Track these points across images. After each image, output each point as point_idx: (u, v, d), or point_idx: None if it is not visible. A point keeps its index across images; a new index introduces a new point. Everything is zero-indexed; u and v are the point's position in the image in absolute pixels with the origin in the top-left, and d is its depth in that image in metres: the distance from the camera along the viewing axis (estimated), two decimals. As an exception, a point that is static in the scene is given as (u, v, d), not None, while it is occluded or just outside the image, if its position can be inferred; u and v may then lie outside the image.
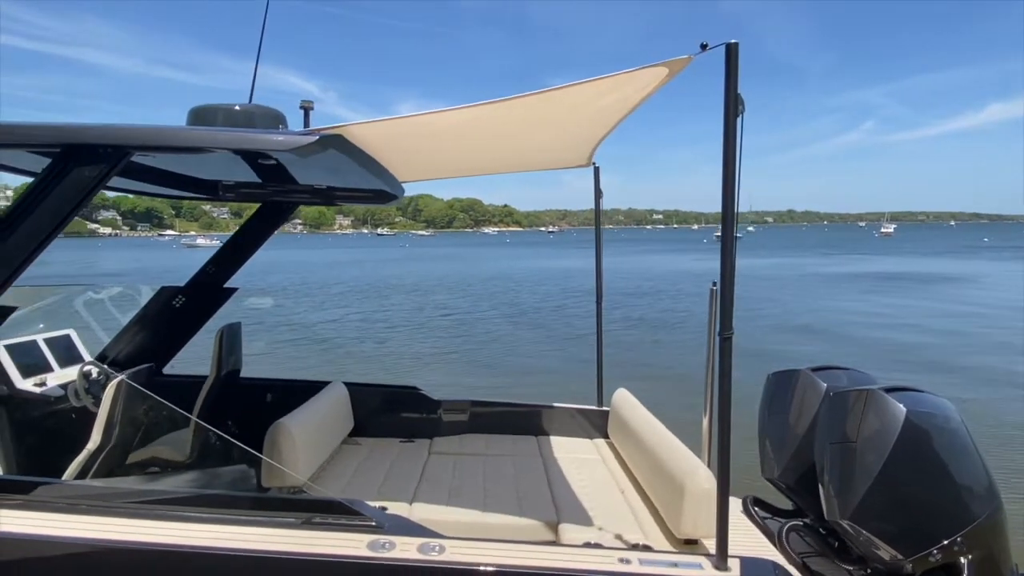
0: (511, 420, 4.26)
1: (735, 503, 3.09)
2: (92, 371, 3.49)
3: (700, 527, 2.56)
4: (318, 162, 2.65)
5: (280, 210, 4.06)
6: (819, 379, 2.76)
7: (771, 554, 2.55)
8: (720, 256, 1.92)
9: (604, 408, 4.19)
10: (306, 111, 2.67)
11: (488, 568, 1.88)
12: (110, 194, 3.56)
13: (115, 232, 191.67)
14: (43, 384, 3.57)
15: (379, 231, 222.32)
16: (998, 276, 29.31)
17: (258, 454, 2.95)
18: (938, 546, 2.15)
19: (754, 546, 2.66)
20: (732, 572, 1.94)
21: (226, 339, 3.72)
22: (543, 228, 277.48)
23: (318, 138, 2.17)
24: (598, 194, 4.03)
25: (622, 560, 1.94)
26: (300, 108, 2.69)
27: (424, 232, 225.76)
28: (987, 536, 2.20)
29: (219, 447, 3.34)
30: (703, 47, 1.80)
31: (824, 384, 2.70)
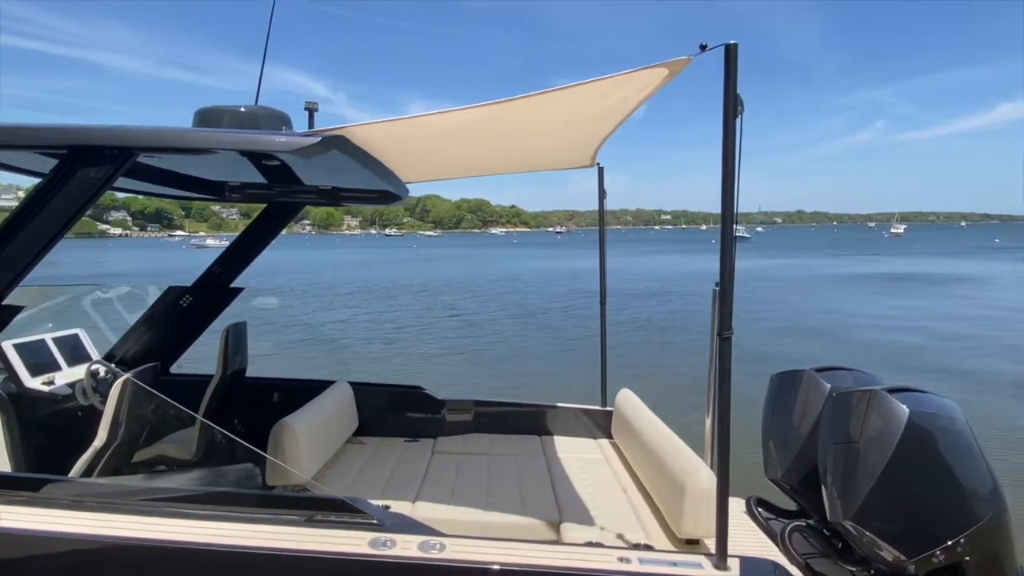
0: (515, 420, 4.27)
1: (739, 504, 3.09)
2: (99, 370, 3.52)
3: (701, 527, 2.56)
4: (322, 163, 2.67)
5: (286, 211, 4.09)
6: (823, 380, 2.76)
7: (772, 554, 2.54)
8: (720, 256, 1.92)
9: (608, 408, 4.19)
10: (311, 112, 2.69)
11: (488, 566, 1.89)
12: (120, 195, 3.57)
13: (125, 233, 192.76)
14: (51, 383, 3.60)
15: (387, 232, 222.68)
16: (1009, 277, 29.08)
17: (262, 453, 2.97)
18: (941, 547, 2.14)
19: (757, 546, 2.66)
20: (732, 571, 1.94)
21: (232, 338, 3.74)
22: (551, 229, 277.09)
23: (320, 139, 2.19)
24: (602, 194, 4.03)
25: (622, 559, 1.95)
26: (305, 109, 2.72)
27: (432, 233, 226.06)
28: (991, 537, 2.19)
29: (224, 446, 3.37)
30: (702, 48, 1.80)
31: (828, 385, 2.70)
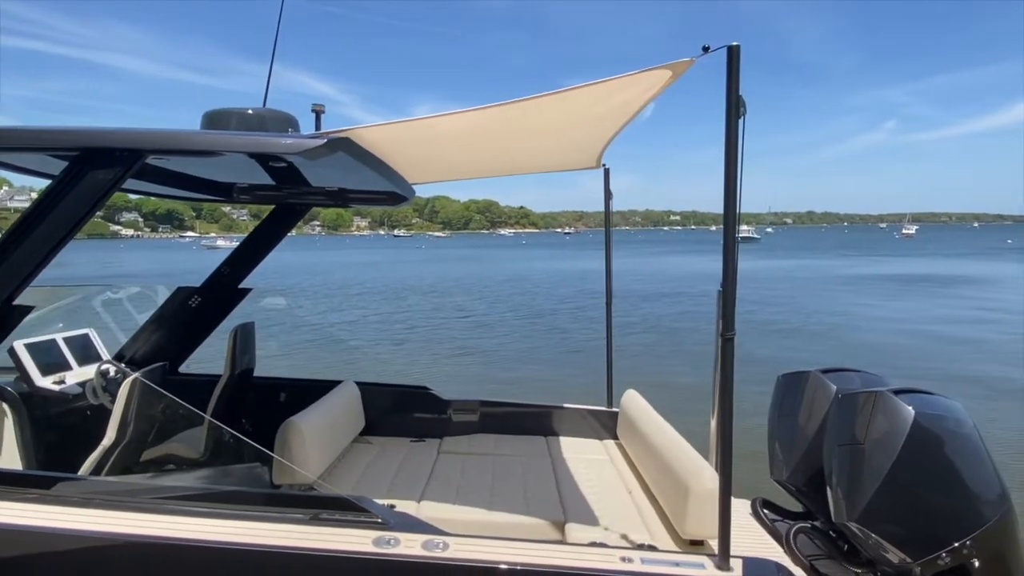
0: (521, 420, 4.27)
1: (744, 505, 3.09)
2: (109, 369, 3.56)
3: (705, 527, 2.56)
4: (328, 165, 2.69)
5: (293, 212, 4.12)
6: (829, 381, 2.75)
7: (777, 555, 2.54)
8: (723, 257, 1.93)
9: (614, 409, 4.19)
10: (318, 115, 2.71)
11: (491, 565, 1.90)
12: (132, 196, 3.61)
13: (137, 234, 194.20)
14: (62, 382, 3.64)
15: (396, 232, 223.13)
16: (1021, 279, 28.76)
17: (269, 452, 2.99)
18: (947, 549, 2.13)
19: (761, 548, 2.65)
20: (734, 572, 1.94)
21: (240, 339, 3.77)
22: (559, 230, 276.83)
23: (326, 141, 2.21)
24: (608, 195, 4.04)
25: (624, 559, 1.95)
26: (312, 111, 2.74)
27: (440, 233, 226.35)
28: (997, 539, 2.17)
29: (232, 445, 3.40)
30: (705, 49, 1.81)
31: (834, 386, 2.69)
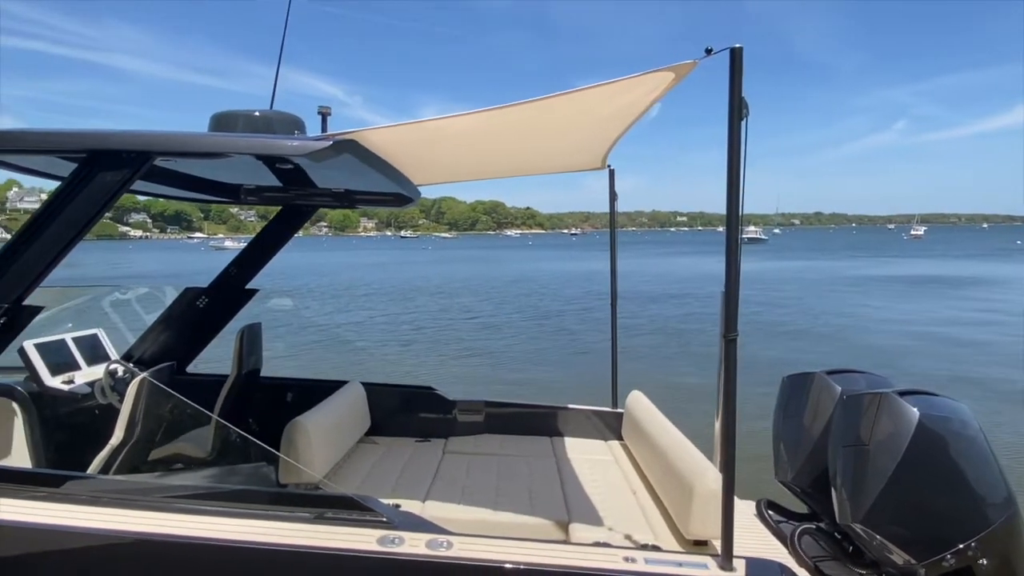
0: (526, 421, 4.28)
1: (750, 506, 3.08)
2: (118, 369, 3.59)
3: (709, 528, 2.56)
4: (334, 166, 2.71)
5: (300, 213, 4.14)
6: (834, 382, 2.75)
7: (781, 556, 2.54)
8: (725, 258, 1.93)
9: (619, 410, 4.20)
10: (324, 116, 2.73)
11: (495, 564, 1.91)
12: (140, 197, 3.67)
13: (145, 235, 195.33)
14: (71, 382, 3.67)
15: (402, 233, 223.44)
16: (1030, 280, 28.60)
17: (275, 451, 3.01)
18: (952, 551, 2.12)
19: (766, 549, 2.65)
20: (737, 572, 1.94)
21: (247, 339, 3.80)
22: (566, 230, 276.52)
23: (332, 143, 2.23)
24: (613, 196, 4.04)
25: (627, 559, 1.96)
26: (318, 113, 2.76)
27: (447, 234, 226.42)
28: (1002, 541, 2.17)
29: (238, 444, 3.42)
30: (708, 52, 1.81)
31: (839, 387, 2.68)
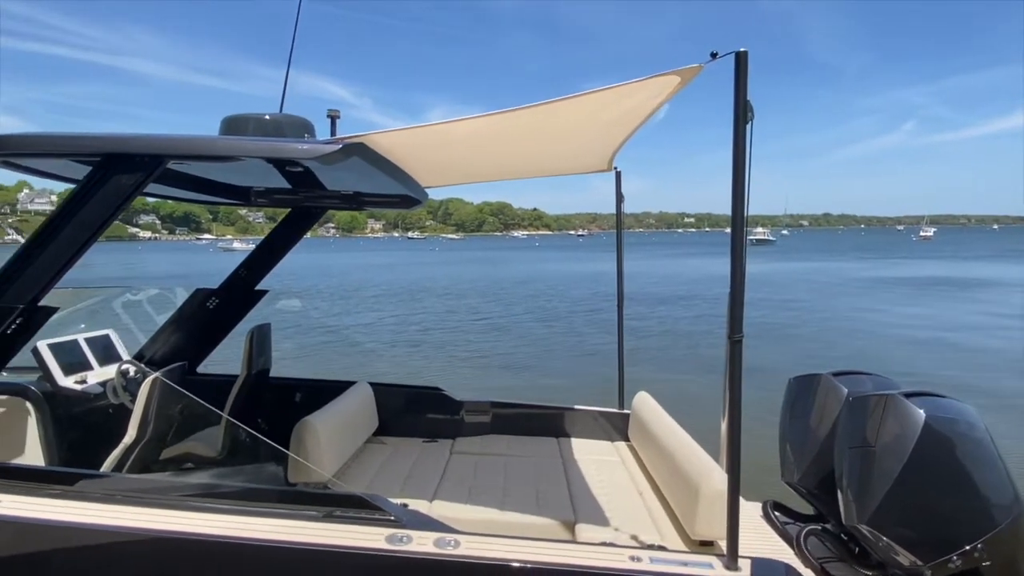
0: (533, 422, 4.30)
1: (756, 508, 3.09)
2: (129, 369, 3.64)
3: (715, 528, 2.57)
4: (343, 169, 2.74)
5: (309, 215, 4.18)
6: (840, 384, 2.75)
7: (786, 557, 2.54)
8: (730, 260, 1.95)
9: (625, 411, 4.21)
10: (333, 120, 2.76)
11: (501, 563, 1.93)
12: (150, 199, 3.70)
13: (155, 236, 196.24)
14: (83, 382, 3.72)
15: (409, 235, 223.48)
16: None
17: (285, 450, 3.04)
18: (958, 552, 2.13)
19: (772, 550, 2.65)
20: (743, 572, 1.95)
21: (256, 340, 3.84)
22: (572, 232, 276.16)
23: (341, 147, 2.26)
24: (619, 198, 4.06)
25: (633, 558, 1.97)
26: (327, 116, 2.79)
27: (454, 236, 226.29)
28: (1009, 543, 2.17)
29: (248, 443, 3.46)
30: (713, 55, 1.83)
31: (845, 389, 2.69)
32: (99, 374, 3.84)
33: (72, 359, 3.79)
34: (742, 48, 1.79)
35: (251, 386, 3.83)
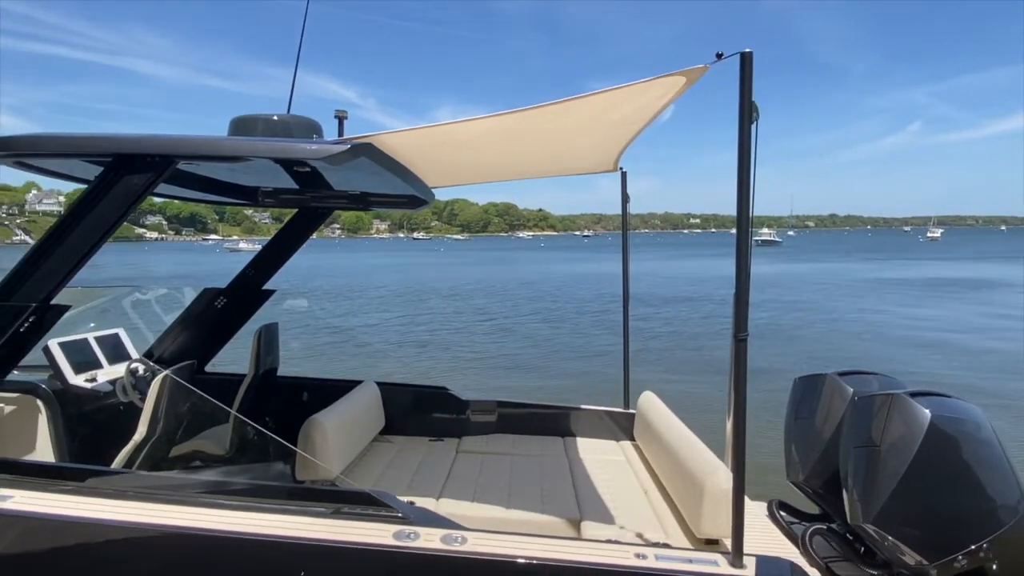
0: (538, 421, 4.31)
1: (761, 507, 3.09)
2: (139, 368, 3.67)
3: (720, 527, 2.58)
4: (351, 169, 2.76)
5: (316, 215, 4.20)
6: (845, 384, 2.75)
7: (791, 556, 2.55)
8: (736, 260, 1.96)
9: (631, 411, 4.22)
10: (340, 120, 2.78)
11: (508, 559, 1.95)
12: (157, 200, 3.74)
13: (161, 236, 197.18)
14: (94, 380, 3.75)
15: (415, 235, 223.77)
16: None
17: (293, 447, 3.07)
18: (964, 552, 2.12)
19: (777, 549, 2.66)
20: (747, 570, 1.96)
21: (264, 339, 3.86)
22: (578, 232, 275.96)
23: (350, 147, 2.27)
24: (625, 198, 4.07)
25: (639, 555, 1.98)
26: (335, 117, 2.81)
27: (459, 236, 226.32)
28: (1015, 543, 2.17)
29: (257, 441, 3.48)
30: (718, 56, 1.84)
31: (851, 389, 2.69)
32: (109, 372, 3.87)
33: (82, 358, 3.83)
34: (747, 49, 1.80)
35: (259, 385, 3.85)
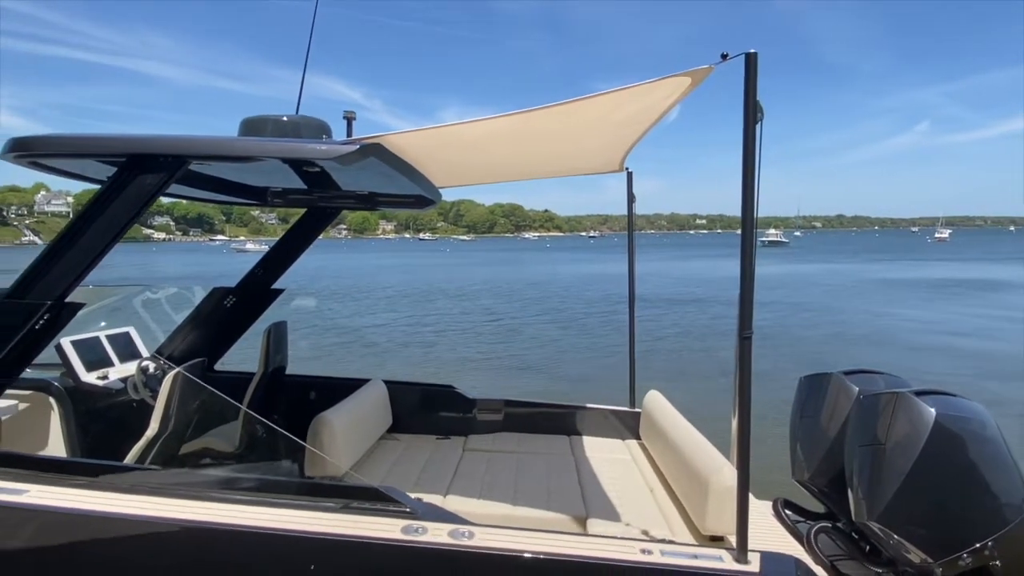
0: (544, 420, 4.33)
1: (766, 506, 3.11)
2: (149, 366, 3.71)
3: (725, 523, 2.59)
4: (359, 169, 2.79)
5: (324, 215, 4.24)
6: (851, 383, 2.76)
7: (796, 554, 2.56)
8: (740, 259, 1.98)
9: (636, 409, 4.23)
10: (349, 121, 2.81)
11: (515, 554, 1.97)
12: (164, 200, 3.79)
13: (168, 237, 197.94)
14: (105, 377, 3.80)
15: (421, 236, 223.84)
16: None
17: (302, 442, 3.10)
18: (968, 550, 2.14)
19: (782, 547, 2.67)
20: (752, 565, 1.98)
21: (273, 337, 3.90)
22: (584, 233, 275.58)
23: (359, 147, 2.30)
24: (631, 199, 4.08)
25: (644, 551, 2.00)
26: (344, 118, 2.84)
27: (465, 237, 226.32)
28: (1020, 541, 2.17)
29: (266, 438, 3.52)
30: (724, 57, 1.86)
31: (856, 387, 2.70)
32: (120, 370, 3.92)
33: (94, 356, 3.87)
34: (752, 49, 1.82)
35: (268, 383, 3.89)
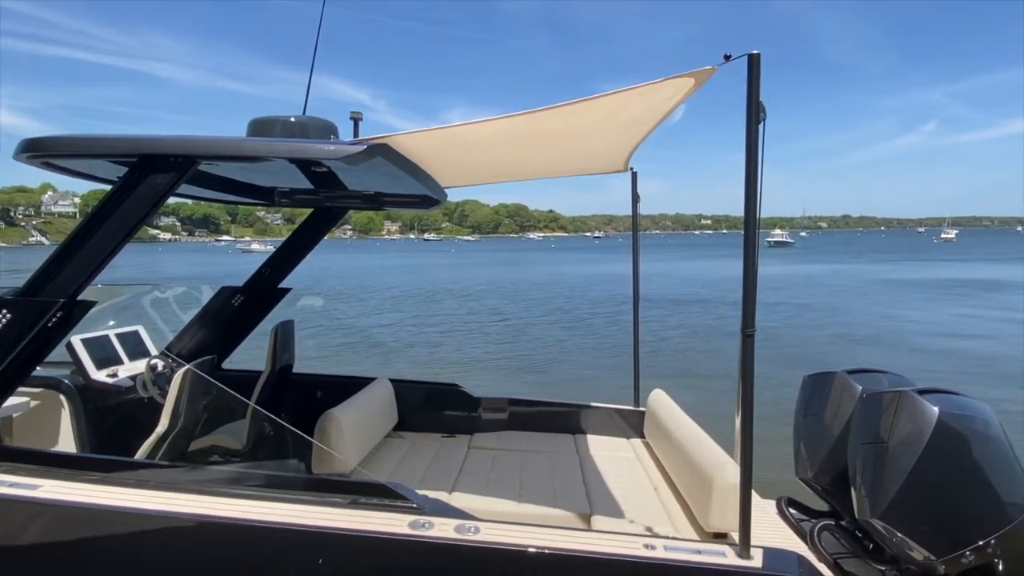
0: (549, 419, 4.35)
1: (770, 504, 3.12)
2: (158, 364, 3.75)
3: (728, 520, 2.61)
4: (366, 169, 2.82)
5: (331, 215, 4.27)
6: (854, 381, 2.78)
7: (799, 551, 2.58)
8: (743, 258, 1.99)
9: (640, 408, 4.25)
10: (356, 122, 2.84)
11: (520, 548, 2.00)
12: (171, 200, 3.83)
13: (174, 237, 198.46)
14: (115, 375, 3.83)
15: (425, 236, 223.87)
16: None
17: (309, 438, 3.13)
18: (971, 547, 2.15)
19: (786, 544, 2.68)
20: (755, 561, 2.00)
21: (280, 336, 3.94)
22: (588, 233, 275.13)
23: (366, 147, 2.33)
24: (635, 199, 4.10)
25: (647, 546, 2.02)
26: (350, 119, 2.87)
27: (470, 237, 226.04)
28: (1022, 540, 2.19)
29: (275, 434, 3.55)
30: (727, 58, 1.88)
31: (859, 386, 2.71)
32: (129, 368, 3.96)
33: (104, 354, 3.92)
34: (754, 50, 1.84)
35: (275, 381, 3.92)
